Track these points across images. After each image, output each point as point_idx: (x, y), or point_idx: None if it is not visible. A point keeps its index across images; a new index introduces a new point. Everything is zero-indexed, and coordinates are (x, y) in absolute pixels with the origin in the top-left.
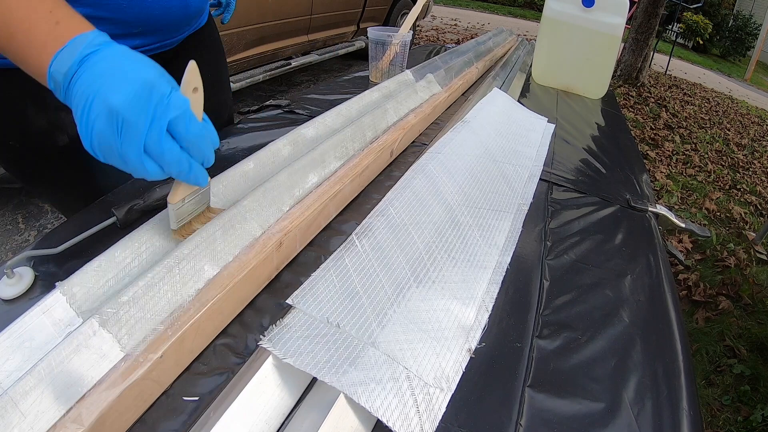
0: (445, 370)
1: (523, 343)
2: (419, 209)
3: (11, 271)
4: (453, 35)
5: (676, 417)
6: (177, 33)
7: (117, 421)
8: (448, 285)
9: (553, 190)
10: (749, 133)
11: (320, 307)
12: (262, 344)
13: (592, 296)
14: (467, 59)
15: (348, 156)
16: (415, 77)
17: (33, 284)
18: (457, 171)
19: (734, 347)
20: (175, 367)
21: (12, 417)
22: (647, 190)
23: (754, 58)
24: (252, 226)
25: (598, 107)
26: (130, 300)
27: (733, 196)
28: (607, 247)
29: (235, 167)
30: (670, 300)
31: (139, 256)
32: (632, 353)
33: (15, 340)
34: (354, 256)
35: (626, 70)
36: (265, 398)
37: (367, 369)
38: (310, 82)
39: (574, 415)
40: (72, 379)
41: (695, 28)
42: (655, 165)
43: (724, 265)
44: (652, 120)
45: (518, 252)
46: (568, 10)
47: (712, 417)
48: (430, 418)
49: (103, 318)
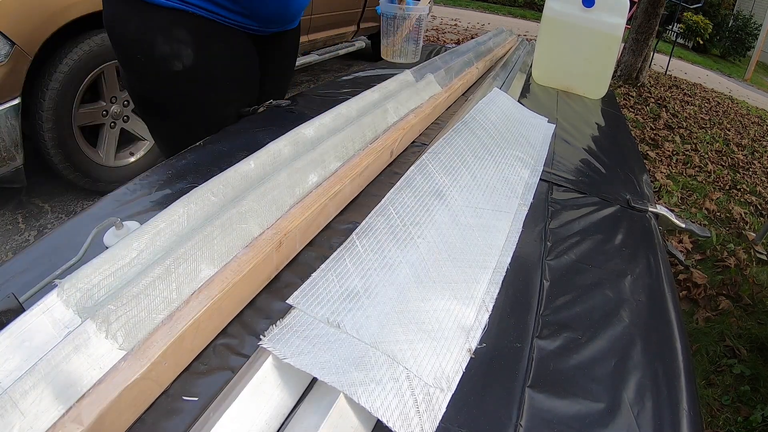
0: (445, 370)
1: (523, 343)
2: (419, 209)
3: (121, 222)
4: (453, 35)
5: (676, 417)
6: (276, 26)
7: (116, 421)
8: (448, 285)
9: (553, 190)
10: (749, 133)
11: (320, 307)
12: (262, 344)
13: (592, 296)
14: (467, 59)
15: (348, 156)
16: (415, 77)
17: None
18: (457, 171)
19: (734, 347)
20: (174, 367)
21: (11, 416)
22: (647, 190)
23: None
24: (251, 226)
25: (598, 107)
26: (130, 300)
27: (733, 196)
28: (607, 247)
29: (235, 167)
30: (670, 300)
31: (139, 255)
32: (632, 353)
33: (14, 340)
34: (354, 256)
35: (626, 70)
36: (265, 398)
37: (367, 369)
38: (310, 82)
39: (574, 415)
40: (71, 378)
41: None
42: (655, 165)
43: (724, 265)
44: (652, 120)
45: (518, 252)
46: (568, 10)
47: (712, 417)
48: (430, 418)
49: (102, 318)
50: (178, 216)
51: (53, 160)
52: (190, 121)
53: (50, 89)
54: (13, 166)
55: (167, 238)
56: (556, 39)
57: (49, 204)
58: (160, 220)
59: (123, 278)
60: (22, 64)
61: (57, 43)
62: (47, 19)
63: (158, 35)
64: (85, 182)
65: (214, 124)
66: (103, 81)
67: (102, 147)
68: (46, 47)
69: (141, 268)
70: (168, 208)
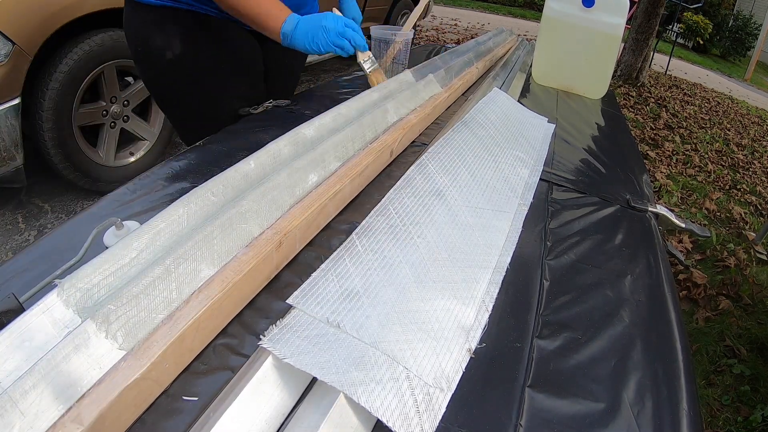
0: (445, 370)
1: (523, 343)
2: (419, 209)
3: (121, 222)
4: (453, 35)
5: (676, 417)
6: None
7: (116, 421)
8: (448, 285)
9: (553, 190)
10: (749, 133)
11: (320, 307)
12: (262, 344)
13: (592, 296)
14: (467, 59)
15: (348, 156)
16: (415, 77)
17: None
18: (457, 171)
19: (734, 347)
20: (174, 366)
21: (11, 416)
22: (647, 190)
23: (754, 58)
24: (251, 226)
25: (598, 107)
26: (130, 299)
27: (733, 196)
28: (607, 247)
29: (235, 167)
30: (670, 300)
31: (139, 255)
32: (632, 353)
33: (14, 340)
34: (354, 256)
35: (626, 70)
36: (265, 398)
37: (367, 369)
38: (310, 82)
39: (574, 415)
40: (71, 378)
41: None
42: (655, 165)
43: (724, 265)
44: (652, 120)
45: (518, 252)
46: (568, 10)
47: (712, 417)
48: (430, 418)
49: (102, 317)
50: (178, 216)
51: (53, 160)
52: (189, 109)
53: (50, 89)
54: (13, 166)
55: (167, 238)
56: (556, 39)
57: (49, 204)
58: (160, 220)
59: (123, 278)
60: (22, 64)
61: (57, 43)
62: (47, 19)
63: (153, 30)
64: (85, 182)
65: (213, 113)
66: (103, 81)
67: (102, 147)
68: (46, 47)
69: (141, 268)
70: (168, 208)
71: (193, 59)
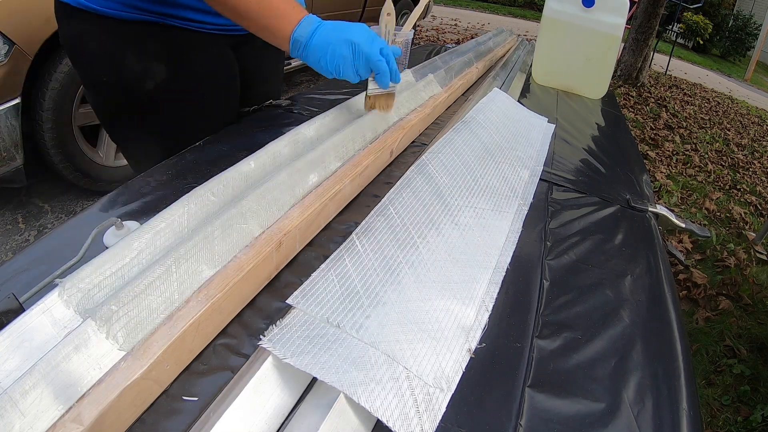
0: (445, 370)
1: (523, 343)
2: (419, 209)
3: (121, 222)
4: (453, 35)
5: (676, 417)
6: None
7: (116, 421)
8: (448, 285)
9: (553, 190)
10: (749, 133)
11: (320, 307)
12: (262, 344)
13: (592, 296)
14: (467, 59)
15: (348, 156)
16: (415, 77)
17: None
18: (457, 171)
19: (734, 347)
20: (174, 366)
21: (11, 416)
22: (647, 190)
23: (754, 59)
24: (251, 226)
25: (598, 107)
26: (130, 300)
27: (733, 196)
28: (607, 247)
29: (235, 167)
30: (670, 300)
31: (139, 255)
32: (632, 353)
33: (14, 340)
34: (354, 256)
35: (626, 70)
36: (265, 398)
37: (367, 369)
38: (310, 82)
39: (574, 415)
40: (71, 378)
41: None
42: (655, 165)
43: (724, 265)
44: (652, 120)
45: (518, 252)
46: (569, 10)
47: (712, 417)
48: (430, 418)
49: (102, 318)
50: (178, 216)
51: (53, 160)
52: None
53: (50, 89)
54: (13, 166)
55: (167, 238)
56: (556, 39)
57: (49, 204)
58: (160, 220)
59: (123, 278)
60: (22, 64)
61: (57, 43)
62: (47, 19)
63: (128, 52)
64: (85, 182)
65: (190, 137)
66: None
67: (102, 147)
68: (46, 47)
69: (141, 268)
70: (168, 208)
71: (182, 84)
